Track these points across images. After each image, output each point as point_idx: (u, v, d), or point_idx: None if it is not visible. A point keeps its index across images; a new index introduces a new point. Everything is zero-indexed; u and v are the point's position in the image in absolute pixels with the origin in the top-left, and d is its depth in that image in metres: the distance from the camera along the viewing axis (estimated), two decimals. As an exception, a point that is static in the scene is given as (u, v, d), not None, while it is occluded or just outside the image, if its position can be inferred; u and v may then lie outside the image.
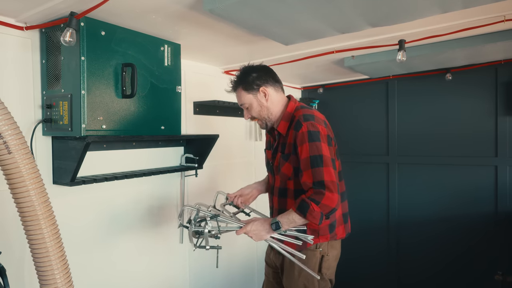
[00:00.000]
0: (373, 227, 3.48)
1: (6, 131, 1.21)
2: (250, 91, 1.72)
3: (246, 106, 1.76)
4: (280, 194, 1.79)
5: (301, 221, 1.57)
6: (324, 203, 1.50)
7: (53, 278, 1.32)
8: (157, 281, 2.33)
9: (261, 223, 1.64)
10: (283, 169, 1.73)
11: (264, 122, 1.78)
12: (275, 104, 1.74)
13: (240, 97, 1.77)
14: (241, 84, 1.74)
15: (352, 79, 3.42)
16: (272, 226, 1.60)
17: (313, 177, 1.54)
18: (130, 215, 2.14)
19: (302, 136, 1.59)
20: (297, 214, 1.55)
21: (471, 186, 2.99)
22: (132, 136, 1.80)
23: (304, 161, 1.58)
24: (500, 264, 2.85)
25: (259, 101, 1.73)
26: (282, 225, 1.59)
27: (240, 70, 1.77)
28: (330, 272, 1.78)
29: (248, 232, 1.63)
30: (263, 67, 1.78)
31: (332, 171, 1.55)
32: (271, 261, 1.95)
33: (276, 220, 1.60)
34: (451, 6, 1.38)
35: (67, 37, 1.44)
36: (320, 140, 1.58)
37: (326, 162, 1.55)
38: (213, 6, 1.36)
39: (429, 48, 2.22)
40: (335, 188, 1.52)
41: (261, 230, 1.63)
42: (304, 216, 1.52)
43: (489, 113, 2.92)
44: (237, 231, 1.65)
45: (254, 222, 1.65)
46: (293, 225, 1.59)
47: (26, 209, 1.28)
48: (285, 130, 1.71)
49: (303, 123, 1.61)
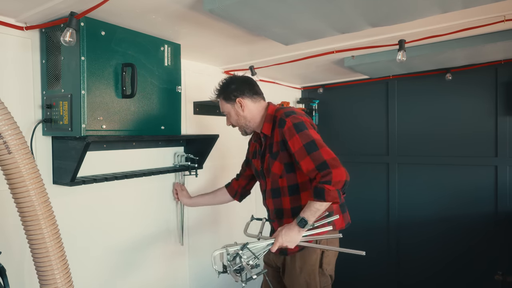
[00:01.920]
0: (373, 227, 3.48)
1: (6, 131, 1.21)
2: (228, 101, 1.86)
3: (226, 114, 1.91)
4: (273, 195, 1.83)
5: (324, 206, 1.59)
6: (335, 180, 1.53)
7: (53, 278, 1.33)
8: (157, 281, 2.33)
9: (289, 229, 1.64)
10: (273, 169, 1.79)
11: (243, 129, 1.91)
12: (253, 112, 1.86)
13: (221, 106, 1.92)
14: (222, 94, 1.89)
15: (352, 79, 3.42)
16: (300, 224, 1.61)
17: (314, 161, 1.58)
18: (130, 215, 2.14)
19: (289, 131, 1.67)
20: (317, 201, 1.57)
21: (471, 186, 2.99)
22: (132, 136, 1.80)
23: (298, 151, 1.63)
24: (500, 264, 2.85)
25: (236, 111, 1.86)
26: (308, 219, 1.60)
27: (222, 81, 1.91)
28: (330, 268, 1.82)
29: (283, 244, 1.64)
30: (243, 79, 1.90)
31: (329, 149, 1.61)
32: (270, 261, 1.96)
33: (300, 217, 1.62)
34: (451, 6, 1.38)
35: (67, 37, 1.44)
36: (307, 128, 1.67)
37: (320, 144, 1.62)
38: (213, 6, 1.36)
39: (429, 48, 2.22)
40: (338, 163, 1.57)
41: (292, 234, 1.63)
42: (324, 199, 1.55)
43: (489, 113, 2.92)
44: (271, 248, 1.65)
45: (282, 231, 1.65)
46: (318, 214, 1.62)
47: (26, 209, 1.28)
48: (269, 131, 1.80)
49: (286, 119, 1.70)
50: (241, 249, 1.64)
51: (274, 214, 1.86)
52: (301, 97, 3.86)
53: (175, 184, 2.37)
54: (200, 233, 2.66)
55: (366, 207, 3.50)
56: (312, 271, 1.75)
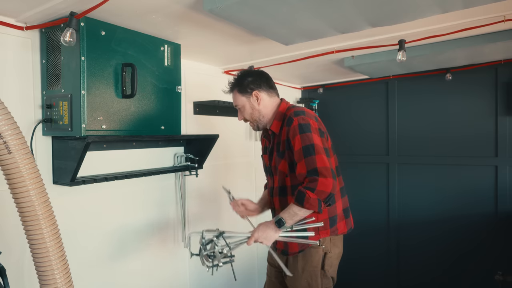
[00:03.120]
0: (373, 227, 3.47)
1: (6, 131, 1.21)
2: (244, 94, 1.81)
3: (240, 107, 1.85)
4: (280, 193, 1.81)
5: (302, 212, 1.57)
6: (319, 189, 1.51)
7: (53, 278, 1.33)
8: (157, 281, 2.33)
9: (266, 225, 1.65)
10: (280, 167, 1.77)
11: (256, 124, 1.87)
12: (268, 107, 1.82)
13: (235, 99, 1.86)
14: (237, 86, 1.83)
15: (352, 79, 3.42)
16: (276, 224, 1.61)
17: (307, 166, 1.56)
18: (130, 215, 2.14)
19: (294, 130, 1.65)
20: (296, 205, 1.56)
21: (471, 186, 2.99)
22: (132, 136, 1.80)
23: (297, 152, 1.62)
24: (500, 264, 2.85)
25: (252, 104, 1.81)
26: (286, 220, 1.59)
27: (238, 73, 1.86)
28: (332, 270, 1.80)
29: (258, 239, 1.64)
30: (259, 72, 1.86)
31: (325, 158, 1.57)
32: (273, 261, 1.96)
33: (279, 217, 1.61)
34: (451, 6, 1.38)
35: (67, 37, 1.44)
36: (311, 131, 1.64)
37: (318, 150, 1.58)
38: (213, 6, 1.36)
39: (429, 48, 2.22)
40: (328, 173, 1.53)
41: (269, 232, 1.63)
42: (302, 205, 1.53)
43: (489, 113, 2.92)
44: (248, 242, 1.66)
45: (259, 227, 1.66)
46: (296, 218, 1.60)
47: (26, 209, 1.28)
48: (278, 129, 1.78)
49: (294, 118, 1.68)
50: (216, 237, 1.65)
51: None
52: (301, 97, 3.86)
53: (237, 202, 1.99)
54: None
55: (366, 208, 3.50)
56: (314, 272, 1.74)
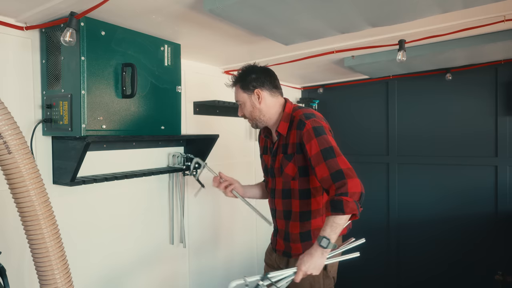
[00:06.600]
0: (373, 227, 3.47)
1: (6, 131, 1.21)
2: (246, 91, 1.75)
3: (240, 103, 1.81)
4: (284, 195, 1.78)
5: (344, 220, 1.48)
6: (351, 191, 1.45)
7: (53, 278, 1.33)
8: (157, 281, 2.33)
9: (310, 254, 1.49)
10: (286, 170, 1.72)
11: (255, 123, 1.81)
12: (270, 107, 1.76)
13: (236, 94, 1.81)
14: (239, 82, 1.78)
15: (352, 79, 3.42)
16: (322, 245, 1.46)
17: (329, 169, 1.51)
18: (130, 215, 2.14)
19: (308, 134, 1.60)
20: (336, 215, 1.46)
21: (471, 186, 2.99)
22: (132, 136, 1.80)
23: (315, 156, 1.56)
24: (500, 264, 2.85)
25: (252, 102, 1.75)
26: (330, 236, 1.46)
27: (243, 67, 1.80)
28: (334, 270, 1.80)
29: (307, 272, 1.49)
30: (264, 69, 1.79)
31: (345, 159, 1.54)
32: (272, 262, 1.95)
33: (321, 237, 1.47)
34: (451, 6, 1.38)
35: (67, 37, 1.44)
36: (326, 133, 1.60)
37: (337, 152, 1.55)
38: (213, 6, 1.36)
39: (429, 48, 2.22)
40: (353, 173, 1.50)
41: (315, 259, 1.48)
42: (343, 212, 1.43)
43: (489, 113, 2.92)
44: (295, 278, 1.51)
45: (303, 259, 1.50)
46: (339, 230, 1.49)
47: (26, 209, 1.28)
48: (285, 131, 1.72)
49: (306, 121, 1.62)
50: (262, 279, 1.50)
51: (282, 214, 1.82)
52: (301, 97, 3.86)
53: (218, 178, 1.96)
54: (201, 233, 2.66)
55: (366, 207, 3.42)
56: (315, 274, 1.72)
